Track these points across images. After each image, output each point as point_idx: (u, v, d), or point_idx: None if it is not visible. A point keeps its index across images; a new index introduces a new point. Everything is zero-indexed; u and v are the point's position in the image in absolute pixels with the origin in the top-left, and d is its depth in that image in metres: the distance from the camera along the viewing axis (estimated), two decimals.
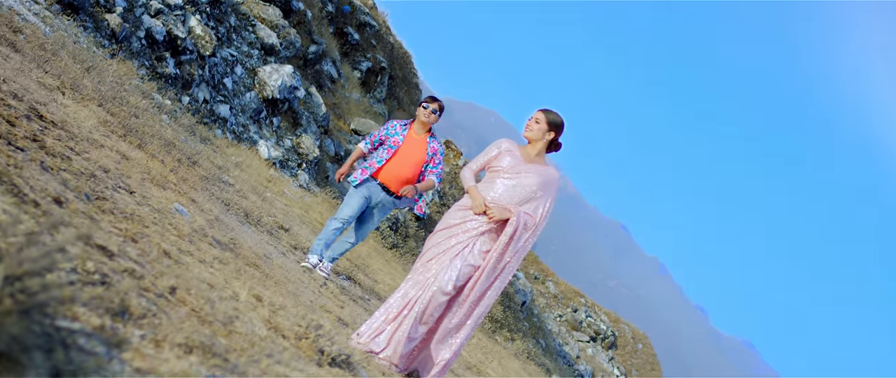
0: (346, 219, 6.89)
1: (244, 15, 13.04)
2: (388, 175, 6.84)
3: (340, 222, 6.88)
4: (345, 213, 6.90)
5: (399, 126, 7.07)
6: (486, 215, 4.81)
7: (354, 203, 6.89)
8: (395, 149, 6.88)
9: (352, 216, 6.90)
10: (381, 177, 6.88)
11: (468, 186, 4.97)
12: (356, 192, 6.90)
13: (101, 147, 4.62)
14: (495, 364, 11.06)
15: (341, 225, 6.90)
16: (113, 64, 8.64)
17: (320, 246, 6.91)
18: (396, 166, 6.82)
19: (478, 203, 4.85)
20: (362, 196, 6.90)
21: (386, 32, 19.80)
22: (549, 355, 22.50)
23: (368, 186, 6.91)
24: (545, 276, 35.18)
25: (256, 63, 12.80)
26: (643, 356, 38.34)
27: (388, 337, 4.78)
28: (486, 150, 5.10)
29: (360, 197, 6.90)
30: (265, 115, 12.56)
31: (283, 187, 10.99)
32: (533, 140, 5.05)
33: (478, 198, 4.88)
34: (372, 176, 6.92)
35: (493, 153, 5.05)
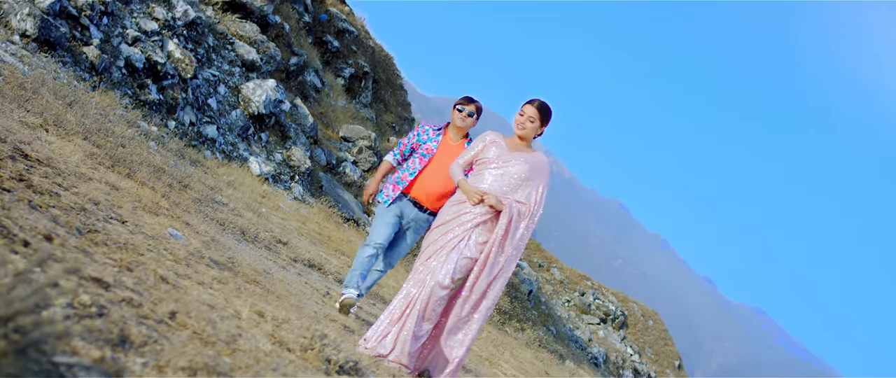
0: (379, 243, 6.06)
1: (222, 34, 13.02)
2: (421, 189, 6.01)
3: (373, 248, 6.06)
4: (376, 236, 6.07)
5: (432, 131, 6.19)
6: (484, 203, 4.82)
7: (386, 224, 6.08)
8: (429, 158, 6.04)
9: (385, 240, 6.07)
10: (413, 192, 6.05)
11: (458, 181, 5.01)
12: (386, 212, 6.08)
13: (89, 180, 4.61)
14: (507, 355, 11.07)
15: (375, 251, 6.07)
16: (95, 96, 8.63)
17: (356, 278, 6.05)
18: (430, 179, 5.98)
19: (471, 194, 4.87)
20: (394, 215, 6.07)
21: (365, 37, 19.79)
22: (561, 341, 22.53)
23: (399, 204, 6.08)
24: (549, 263, 35.22)
25: (239, 80, 12.78)
26: (655, 332, 38.39)
27: (394, 338, 4.79)
28: (472, 145, 5.13)
29: (392, 216, 6.07)
30: (253, 132, 12.55)
31: (278, 201, 10.98)
32: (526, 138, 5.08)
33: (469, 190, 4.90)
34: (403, 191, 6.07)
35: (478, 147, 5.07)
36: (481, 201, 4.87)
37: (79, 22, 9.77)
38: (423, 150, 6.06)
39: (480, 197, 4.85)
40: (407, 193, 6.02)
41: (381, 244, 6.00)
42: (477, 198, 4.86)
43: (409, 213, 6.01)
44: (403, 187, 6.01)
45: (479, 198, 4.86)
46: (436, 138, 6.07)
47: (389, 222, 6.02)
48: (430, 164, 5.98)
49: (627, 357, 32.32)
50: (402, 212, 6.03)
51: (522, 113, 5.08)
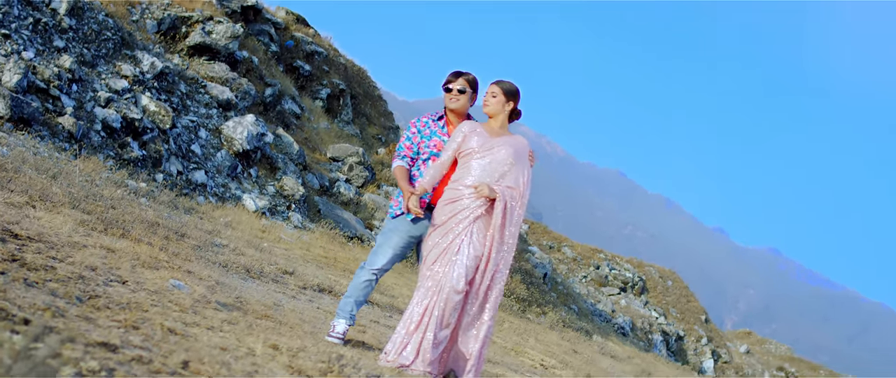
0: (380, 269, 5.22)
1: (192, 79, 13.00)
2: (436, 194, 5.12)
3: (372, 274, 5.21)
4: (379, 261, 5.19)
5: (432, 123, 5.32)
6: (477, 195, 4.81)
7: (395, 247, 5.18)
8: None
9: (389, 266, 5.23)
10: (434, 199, 5.13)
11: (398, 179, 5.07)
12: (397, 229, 5.19)
13: (83, 247, 4.60)
14: (532, 341, 11.06)
15: (374, 277, 5.23)
16: (78, 164, 8.61)
17: (349, 305, 5.21)
18: (442, 183, 5.13)
19: (405, 196, 4.87)
20: (407, 235, 5.17)
21: (335, 55, 19.77)
22: (585, 317, 22.51)
23: (424, 220, 5.15)
24: (559, 243, 35.20)
25: (218, 122, 12.77)
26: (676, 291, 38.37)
27: (415, 347, 4.77)
28: (452, 139, 5.07)
29: (404, 236, 5.17)
30: (241, 169, 12.53)
31: (279, 233, 10.96)
32: (494, 114, 5.07)
33: (406, 189, 4.90)
34: (430, 203, 5.14)
35: (458, 139, 5.04)
36: (413, 208, 4.82)
37: (49, 94, 9.76)
38: (432, 148, 5.23)
39: (413, 200, 4.82)
40: (433, 204, 5.12)
41: (381, 270, 5.22)
42: (413, 202, 4.80)
43: (419, 223, 5.17)
44: (429, 199, 5.12)
45: (412, 202, 4.81)
46: (441, 131, 5.26)
47: (400, 245, 5.18)
48: None
49: (653, 321, 32.32)
50: (420, 226, 5.16)
51: (485, 94, 5.13)
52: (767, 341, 52.02)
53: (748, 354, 45.48)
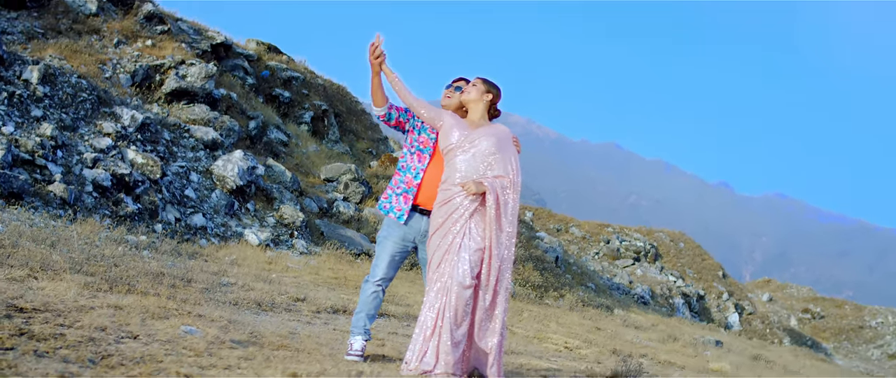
0: (383, 279, 5.23)
1: (175, 125, 13.00)
2: (428, 195, 5.15)
3: (377, 286, 5.22)
4: (380, 271, 5.20)
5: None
6: (466, 193, 4.81)
7: (390, 252, 5.18)
8: (430, 154, 5.24)
9: (391, 275, 5.25)
10: (420, 199, 5.16)
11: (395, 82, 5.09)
12: (389, 236, 5.19)
13: (90, 310, 4.59)
14: (554, 326, 11.05)
15: (379, 288, 5.23)
16: (75, 228, 8.61)
17: (362, 320, 5.20)
18: (435, 179, 5.15)
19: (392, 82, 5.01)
20: (400, 240, 5.17)
21: (312, 77, 19.76)
22: (603, 293, 22.50)
23: (411, 222, 5.17)
24: (566, 224, 35.20)
25: (207, 162, 12.76)
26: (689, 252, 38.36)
27: (434, 352, 4.76)
28: (435, 110, 5.09)
29: (397, 242, 5.17)
30: (238, 206, 12.52)
31: (285, 262, 10.95)
32: (471, 101, 5.08)
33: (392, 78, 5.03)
34: (414, 203, 5.16)
35: (437, 123, 5.04)
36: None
37: (35, 164, 9.75)
38: (419, 144, 5.26)
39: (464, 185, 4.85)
40: (416, 205, 5.15)
41: (384, 280, 5.22)
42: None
43: (416, 225, 5.16)
44: (413, 196, 5.14)
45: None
46: (431, 128, 5.24)
47: (396, 251, 5.18)
48: (433, 162, 5.21)
49: (672, 285, 32.30)
50: (409, 228, 5.15)
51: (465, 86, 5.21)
52: (788, 286, 52.00)
53: (771, 302, 45.47)
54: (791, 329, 39.24)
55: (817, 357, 22.84)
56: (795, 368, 13.81)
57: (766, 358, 14.49)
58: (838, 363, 30.71)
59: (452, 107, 5.27)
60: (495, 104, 5.15)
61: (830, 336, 42.47)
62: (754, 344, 20.74)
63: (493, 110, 5.16)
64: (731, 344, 16.91)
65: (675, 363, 9.60)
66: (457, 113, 5.22)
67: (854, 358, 39.10)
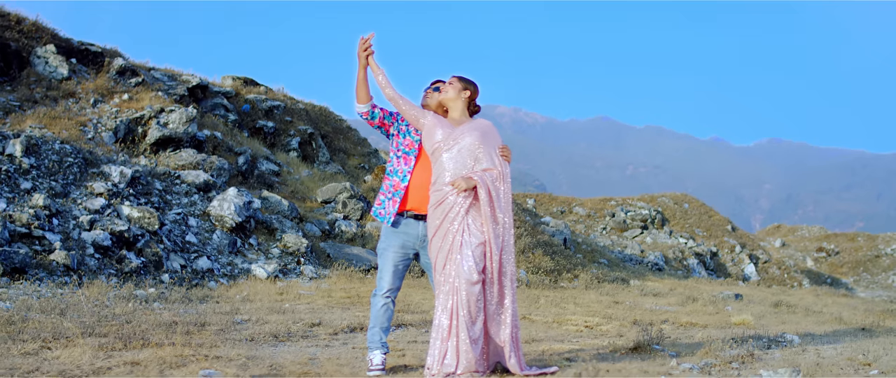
0: (390, 290, 5.19)
1: (164, 174, 12.99)
2: (417, 198, 5.13)
3: (385, 297, 5.19)
4: (385, 283, 5.16)
5: (401, 116, 5.28)
6: (457, 191, 4.82)
7: (392, 262, 5.15)
8: (415, 156, 5.20)
9: (396, 285, 5.20)
10: (410, 203, 5.13)
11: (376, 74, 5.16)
12: (389, 246, 5.16)
13: (108, 370, 4.58)
14: (572, 307, 11.04)
15: (388, 299, 5.19)
16: (83, 292, 8.60)
17: (378, 334, 5.16)
18: (423, 181, 5.13)
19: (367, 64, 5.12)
20: (400, 248, 5.14)
21: (293, 103, 19.76)
22: (617, 267, 22.50)
23: (404, 227, 5.15)
24: (569, 205, 35.20)
25: (203, 205, 12.75)
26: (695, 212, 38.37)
27: (454, 353, 4.76)
28: (417, 109, 5.12)
29: (397, 250, 5.14)
30: (241, 243, 12.51)
31: (296, 290, 10.95)
32: (450, 100, 5.10)
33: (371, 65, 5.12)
34: (402, 207, 5.14)
35: (420, 120, 5.06)
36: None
37: (33, 236, 9.75)
38: (404, 147, 5.23)
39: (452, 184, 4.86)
40: (405, 210, 5.13)
41: (392, 291, 5.19)
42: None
43: (413, 231, 5.13)
44: (401, 199, 5.12)
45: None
46: (416, 133, 5.23)
47: (398, 260, 5.15)
48: (419, 164, 5.17)
49: (683, 247, 32.30)
50: (407, 234, 5.13)
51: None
52: (799, 228, 52.02)
53: (784, 247, 45.49)
54: (808, 270, 39.25)
55: (838, 293, 22.80)
56: (818, 308, 13.79)
57: (788, 302, 14.47)
58: (860, 295, 30.68)
59: (432, 108, 5.29)
60: (474, 100, 5.17)
61: (848, 270, 42.48)
62: (774, 291, 20.72)
63: (473, 106, 5.18)
64: (751, 295, 16.89)
65: (697, 323, 9.59)
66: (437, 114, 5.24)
67: (875, 287, 39.11)
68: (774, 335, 7.95)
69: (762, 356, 6.09)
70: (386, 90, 5.08)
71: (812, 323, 10.49)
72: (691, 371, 5.09)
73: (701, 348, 6.34)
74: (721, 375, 4.96)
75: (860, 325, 10.10)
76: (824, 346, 7.14)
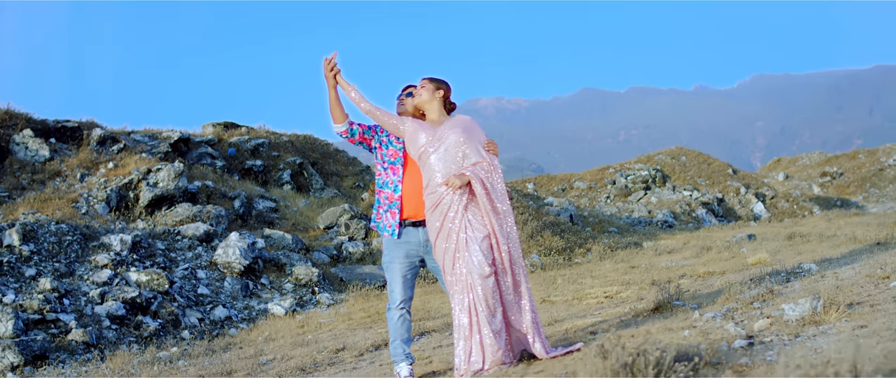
0: (403, 301, 5.19)
1: (164, 232, 13.00)
2: (412, 205, 5.14)
3: (400, 309, 5.18)
4: (398, 295, 5.17)
5: (380, 128, 5.29)
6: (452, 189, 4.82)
7: (400, 274, 5.16)
8: (401, 164, 5.20)
9: (408, 295, 5.21)
10: (406, 212, 5.14)
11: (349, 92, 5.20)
12: (394, 258, 5.15)
13: None
14: (589, 280, 11.05)
15: (403, 310, 5.19)
16: (107, 365, 8.61)
17: (400, 347, 5.18)
18: (415, 187, 5.13)
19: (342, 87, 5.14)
20: (405, 258, 5.15)
21: (276, 138, 19.78)
22: (627, 232, 22.50)
23: (405, 236, 5.15)
24: (568, 181, 35.22)
25: (208, 255, 12.76)
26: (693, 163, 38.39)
27: (480, 349, 4.77)
28: (396, 117, 5.12)
29: (403, 261, 5.15)
30: (253, 284, 12.52)
31: (317, 320, 10.96)
32: (425, 102, 5.11)
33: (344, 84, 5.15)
34: (401, 217, 5.13)
35: (400, 127, 5.06)
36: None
37: (46, 321, 9.75)
38: (389, 158, 5.23)
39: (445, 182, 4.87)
40: (403, 219, 5.13)
41: (405, 302, 5.20)
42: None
43: (414, 239, 5.13)
44: (398, 209, 5.12)
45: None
46: (397, 141, 5.23)
47: (405, 270, 5.17)
48: (407, 172, 5.17)
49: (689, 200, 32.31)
50: (409, 243, 5.13)
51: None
52: (799, 158, 52.02)
53: (788, 179, 45.50)
54: (816, 197, 39.25)
55: (849, 214, 22.82)
56: (831, 232, 13.81)
57: (801, 233, 14.49)
58: (872, 211, 30.69)
59: (409, 114, 5.27)
60: (448, 98, 5.17)
61: (855, 189, 42.47)
62: (786, 224, 20.73)
63: (448, 104, 5.18)
64: (763, 233, 16.90)
65: (715, 271, 9.60)
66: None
67: (885, 200, 39.11)
68: (792, 267, 7.96)
69: (782, 291, 6.10)
70: (361, 105, 5.09)
71: (827, 248, 10.50)
72: (714, 319, 5.10)
73: (721, 295, 6.35)
74: (744, 317, 4.97)
75: (875, 241, 10.12)
76: (842, 269, 7.16)
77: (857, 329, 4.09)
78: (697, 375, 3.19)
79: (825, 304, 4.63)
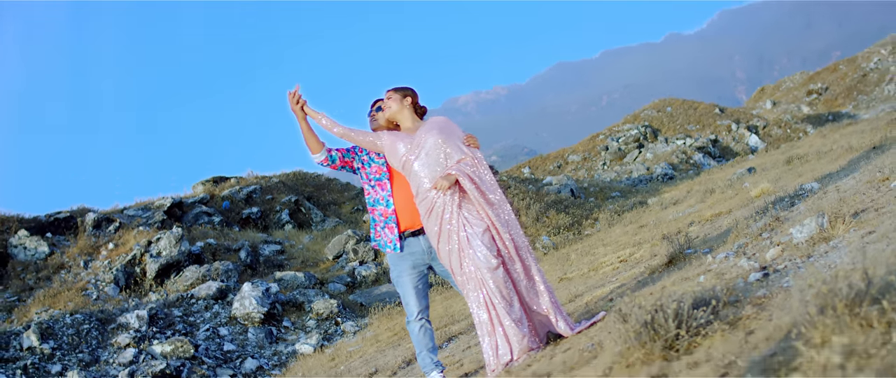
0: (420, 311, 5.20)
1: (178, 300, 13.01)
2: (407, 215, 5.15)
3: (418, 320, 5.20)
4: (413, 306, 5.19)
5: (359, 148, 5.32)
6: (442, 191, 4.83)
7: (412, 285, 5.18)
8: (387, 178, 5.22)
9: (424, 304, 5.21)
10: (403, 224, 5.16)
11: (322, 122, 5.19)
12: (402, 272, 5.19)
13: None
14: (602, 249, 11.06)
15: (422, 320, 5.21)
16: None
17: (427, 357, 5.20)
18: (406, 197, 5.15)
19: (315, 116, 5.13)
20: (413, 270, 5.18)
21: (267, 181, 19.80)
22: (630, 193, 22.52)
23: (407, 248, 5.16)
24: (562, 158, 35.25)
25: (227, 311, 12.78)
26: (679, 111, 38.42)
27: (505, 341, 4.78)
28: (373, 135, 5.11)
29: (411, 273, 5.17)
30: (276, 330, 12.54)
31: (346, 349, 10.97)
32: (396, 113, 5.11)
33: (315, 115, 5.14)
34: (399, 229, 5.16)
35: (378, 143, 5.07)
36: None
37: None
38: (374, 175, 5.24)
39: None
40: (402, 232, 5.15)
41: (422, 312, 5.19)
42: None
43: (417, 248, 5.15)
44: (396, 223, 5.14)
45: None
46: (378, 156, 5.26)
47: (415, 281, 5.17)
48: (395, 185, 5.19)
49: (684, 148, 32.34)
50: (412, 254, 5.15)
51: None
52: (782, 82, 52.06)
53: (776, 105, 45.55)
54: (807, 116, 39.29)
55: (843, 126, 22.87)
56: (827, 148, 13.84)
57: (798, 155, 14.52)
58: (864, 118, 30.75)
59: (383, 127, 5.26)
60: (417, 103, 5.19)
61: (844, 100, 42.51)
62: (783, 150, 20.77)
63: (419, 109, 5.20)
64: (762, 163, 16.93)
65: (722, 212, 9.62)
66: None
67: (875, 104, 39.16)
68: (794, 191, 7.98)
69: (788, 216, 6.12)
70: (334, 130, 5.10)
71: (826, 164, 10.52)
72: (727, 259, 5.11)
73: (730, 233, 6.36)
74: (755, 250, 4.99)
75: (870, 146, 10.14)
76: (843, 181, 7.17)
77: (866, 236, 4.11)
78: (718, 318, 3.20)
79: (831, 218, 4.65)
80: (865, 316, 2.43)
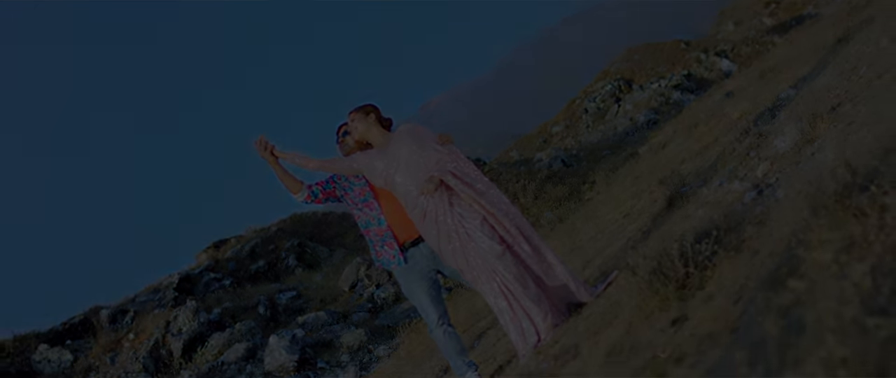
0: (439, 317, 5.16)
1: (211, 370, 13.03)
2: (402, 227, 5.12)
3: (440, 326, 5.17)
4: (432, 314, 5.17)
5: (338, 176, 5.30)
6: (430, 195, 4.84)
7: (426, 294, 5.17)
8: (374, 198, 5.19)
9: (441, 309, 5.19)
10: (400, 236, 5.13)
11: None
12: (412, 282, 5.17)
13: None
14: (603, 210, 11.08)
15: (445, 327, 5.18)
16: None
17: (458, 360, 5.15)
18: (396, 210, 5.11)
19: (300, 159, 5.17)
20: (423, 279, 5.16)
21: (265, 232, 19.84)
22: (620, 149, 22.54)
23: (410, 260, 5.14)
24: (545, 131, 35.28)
25: (260, 369, 12.79)
26: (647, 56, 38.45)
27: (529, 323, 4.80)
28: (350, 160, 5.08)
29: (423, 281, 5.16)
30: (312, 374, 12.55)
31: (384, 373, 11.00)
32: (364, 132, 5.09)
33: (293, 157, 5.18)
34: (398, 242, 5.12)
35: (355, 165, 5.05)
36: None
37: None
38: (358, 197, 5.21)
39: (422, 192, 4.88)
40: (401, 245, 5.11)
41: (441, 317, 5.16)
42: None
43: (421, 256, 5.13)
44: (393, 239, 5.11)
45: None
46: (357, 178, 5.22)
47: (427, 289, 5.15)
48: (383, 202, 5.15)
49: (661, 90, 32.32)
50: (418, 263, 5.12)
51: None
52: (738, 2, 52.06)
53: (738, 24, 45.55)
54: (772, 27, 39.34)
55: (807, 26, 22.94)
56: (796, 52, 13.86)
57: (770, 67, 14.54)
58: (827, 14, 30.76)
59: (355, 150, 5.21)
60: (381, 117, 5.19)
61: (803, 3, 42.53)
62: (754, 68, 20.79)
63: (385, 122, 5.20)
64: (738, 85, 16.95)
65: (708, 142, 9.64)
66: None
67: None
68: (773, 103, 8.01)
69: (770, 130, 6.14)
70: (309, 165, 5.10)
71: (798, 68, 10.55)
72: (721, 186, 5.14)
73: (720, 161, 6.39)
74: (745, 170, 5.01)
75: (835, 40, 10.16)
76: (815, 80, 7.20)
77: (846, 128, 4.13)
78: (722, 246, 3.22)
79: (809, 120, 4.67)
80: (857, 206, 2.44)
